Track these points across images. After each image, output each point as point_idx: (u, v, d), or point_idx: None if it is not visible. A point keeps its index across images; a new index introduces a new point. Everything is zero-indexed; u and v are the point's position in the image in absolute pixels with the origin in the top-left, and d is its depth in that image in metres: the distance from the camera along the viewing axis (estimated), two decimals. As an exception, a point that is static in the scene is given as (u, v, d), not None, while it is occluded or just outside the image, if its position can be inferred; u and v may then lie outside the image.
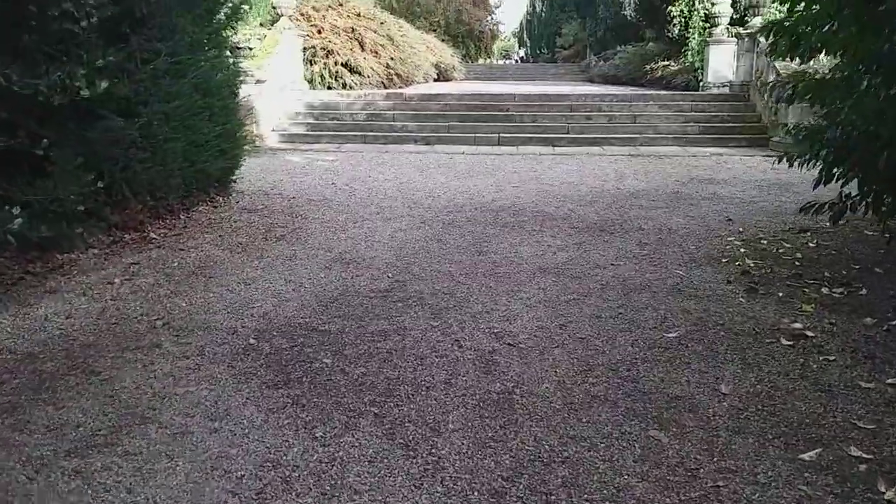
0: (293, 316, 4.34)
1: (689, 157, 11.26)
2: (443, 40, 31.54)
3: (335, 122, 13.32)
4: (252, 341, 3.93)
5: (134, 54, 6.11)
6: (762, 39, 12.73)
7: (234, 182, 8.22)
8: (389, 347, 3.85)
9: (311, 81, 14.68)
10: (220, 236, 6.29)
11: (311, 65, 14.72)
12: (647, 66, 18.67)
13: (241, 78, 8.81)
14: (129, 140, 6.03)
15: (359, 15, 15.96)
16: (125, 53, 6.02)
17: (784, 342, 3.91)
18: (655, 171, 10.04)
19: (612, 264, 5.49)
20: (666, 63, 18.04)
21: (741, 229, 6.62)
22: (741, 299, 4.68)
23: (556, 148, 12.18)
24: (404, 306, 4.54)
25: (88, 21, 5.37)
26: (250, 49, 12.02)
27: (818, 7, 5.05)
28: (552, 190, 8.63)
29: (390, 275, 5.20)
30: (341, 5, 15.83)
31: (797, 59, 5.57)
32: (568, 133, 12.77)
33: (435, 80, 24.56)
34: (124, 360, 3.66)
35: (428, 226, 6.74)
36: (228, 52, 11.63)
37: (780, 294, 4.73)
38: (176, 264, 5.44)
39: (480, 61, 42.67)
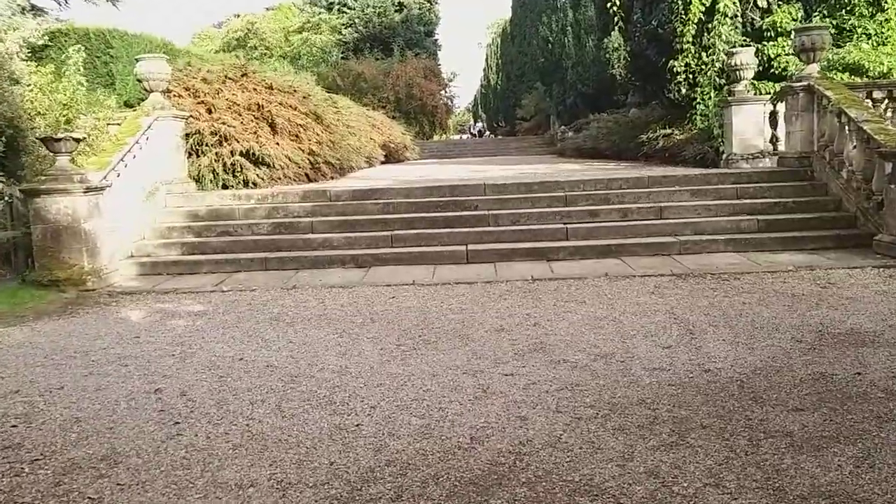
0: None
1: (765, 275, 7.23)
2: (393, 117, 28.00)
3: (226, 239, 9.08)
4: None
5: None
6: (830, 94, 9.01)
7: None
8: None
9: (198, 180, 10.52)
10: None
11: (198, 156, 10.58)
12: (643, 136, 14.97)
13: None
14: None
15: (270, 88, 11.98)
16: None
17: None
18: (737, 312, 5.95)
19: None
20: (668, 131, 14.36)
21: None
22: None
23: (553, 264, 8.10)
24: None
25: None
26: (77, 141, 7.79)
27: None
28: (581, 382, 4.45)
29: None
30: (245, 76, 11.84)
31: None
32: (567, 238, 8.73)
33: (383, 163, 20.72)
34: None
35: None
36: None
37: None
38: None
39: (436, 138, 39.39)
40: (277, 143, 11.26)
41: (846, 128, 8.74)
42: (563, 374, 4.62)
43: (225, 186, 10.55)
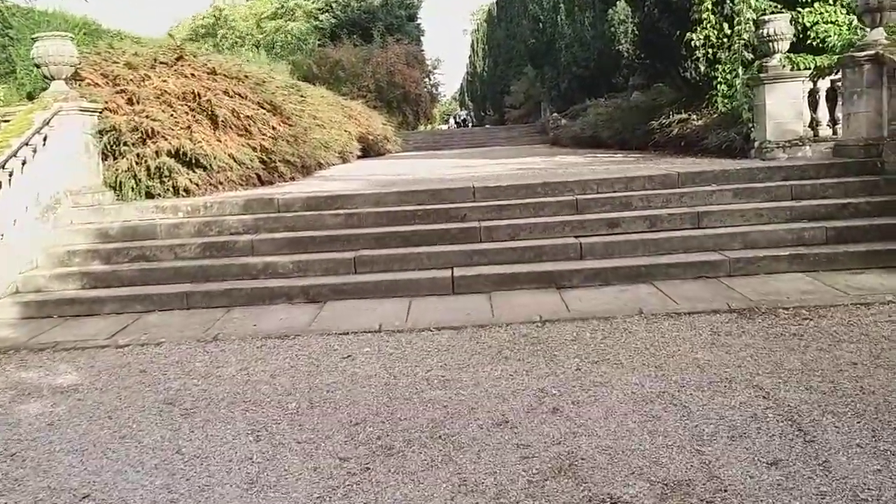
0: None
1: (858, 310, 5.28)
2: (374, 107, 25.89)
3: (141, 266, 7.06)
4: None
5: None
6: (908, 63, 7.03)
7: None
8: None
9: (117, 187, 8.46)
10: None
11: (116, 158, 8.51)
12: (654, 123, 13.02)
13: None
14: None
15: (213, 73, 9.91)
16: None
17: None
18: (852, 382, 3.99)
19: None
20: (684, 116, 12.41)
21: None
22: None
23: (566, 294, 6.14)
24: None
25: None
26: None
27: None
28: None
29: None
30: (181, 59, 9.76)
31: None
32: (582, 257, 6.77)
33: (361, 157, 18.71)
34: None
35: None
36: None
37: None
38: None
39: (421, 128, 37.30)
40: (219, 140, 9.20)
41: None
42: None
43: (150, 195, 8.50)
